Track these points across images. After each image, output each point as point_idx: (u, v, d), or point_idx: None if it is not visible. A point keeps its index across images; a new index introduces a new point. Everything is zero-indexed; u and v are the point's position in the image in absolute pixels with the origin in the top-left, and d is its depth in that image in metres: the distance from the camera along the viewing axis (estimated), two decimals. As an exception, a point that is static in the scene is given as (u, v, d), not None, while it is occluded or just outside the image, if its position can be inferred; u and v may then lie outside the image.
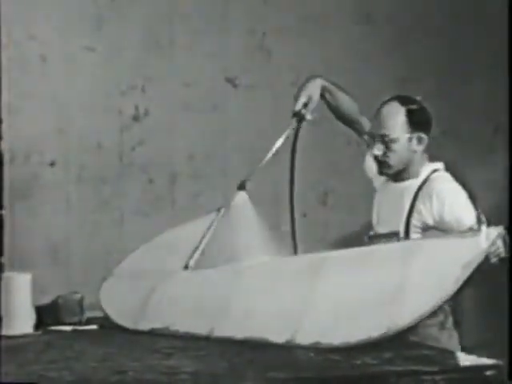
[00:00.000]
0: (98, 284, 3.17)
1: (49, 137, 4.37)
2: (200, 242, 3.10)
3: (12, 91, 4.20)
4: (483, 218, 2.50)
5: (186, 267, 3.05)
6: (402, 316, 2.43)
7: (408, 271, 2.51)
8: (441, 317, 2.84)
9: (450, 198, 2.85)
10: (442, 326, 2.85)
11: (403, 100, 2.95)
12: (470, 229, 2.59)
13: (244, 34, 4.71)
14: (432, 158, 3.02)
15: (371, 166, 3.07)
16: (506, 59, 3.81)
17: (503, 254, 2.62)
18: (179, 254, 3.11)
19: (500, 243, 2.56)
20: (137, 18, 4.53)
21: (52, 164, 4.39)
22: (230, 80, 4.67)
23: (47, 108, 4.38)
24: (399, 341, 2.54)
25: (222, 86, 4.65)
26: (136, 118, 4.52)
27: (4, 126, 4.13)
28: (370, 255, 2.67)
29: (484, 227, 2.48)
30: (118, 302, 3.07)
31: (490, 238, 2.47)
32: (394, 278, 2.51)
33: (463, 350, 2.53)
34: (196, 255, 3.07)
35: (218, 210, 3.20)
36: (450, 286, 2.43)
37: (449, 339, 2.84)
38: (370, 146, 3.03)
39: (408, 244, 2.75)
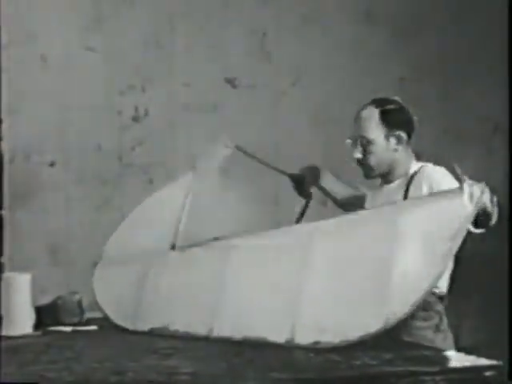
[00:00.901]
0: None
1: (49, 137, 4.37)
2: (181, 215, 3.02)
3: (12, 91, 4.20)
4: (465, 177, 2.47)
5: (173, 247, 3.00)
6: (397, 307, 2.41)
7: (395, 259, 2.47)
8: (436, 319, 2.84)
9: (438, 179, 2.84)
10: (437, 328, 2.85)
11: (378, 102, 2.99)
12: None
13: (244, 34, 4.71)
14: (431, 158, 3.02)
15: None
16: (506, 59, 3.82)
17: (489, 207, 2.52)
18: (163, 228, 3.03)
19: (485, 198, 2.49)
20: (137, 18, 4.53)
21: (52, 164, 4.39)
22: (229, 80, 4.67)
23: (47, 108, 4.37)
24: (398, 341, 2.54)
25: (222, 86, 4.65)
26: (136, 119, 4.52)
27: (4, 126, 4.13)
28: (355, 239, 2.62)
29: (466, 185, 2.44)
30: (111, 291, 3.06)
31: (473, 196, 2.44)
32: (384, 268, 2.47)
33: (463, 350, 2.52)
34: (180, 229, 2.99)
35: (193, 169, 3.14)
36: (441, 264, 2.41)
37: (443, 341, 2.83)
38: (352, 150, 3.05)
39: (393, 220, 2.57)
